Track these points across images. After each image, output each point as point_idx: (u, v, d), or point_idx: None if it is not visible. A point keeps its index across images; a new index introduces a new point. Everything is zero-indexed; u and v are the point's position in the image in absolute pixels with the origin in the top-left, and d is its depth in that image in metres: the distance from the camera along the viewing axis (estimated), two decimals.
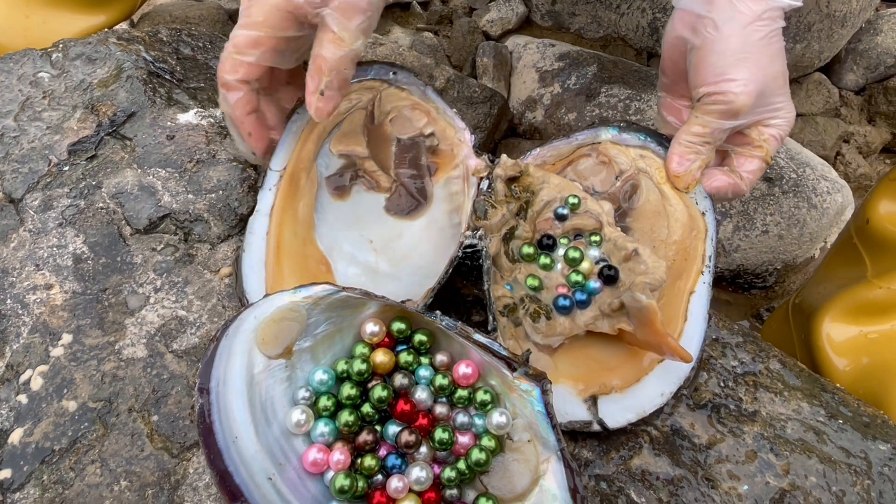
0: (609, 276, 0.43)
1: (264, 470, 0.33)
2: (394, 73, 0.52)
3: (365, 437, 0.35)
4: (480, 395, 0.37)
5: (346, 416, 0.35)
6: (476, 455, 0.35)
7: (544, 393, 0.35)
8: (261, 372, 0.36)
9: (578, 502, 0.34)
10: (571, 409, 0.41)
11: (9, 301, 0.46)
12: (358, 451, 0.36)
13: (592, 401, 0.41)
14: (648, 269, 0.41)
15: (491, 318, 0.42)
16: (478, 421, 0.37)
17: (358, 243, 0.48)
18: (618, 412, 0.41)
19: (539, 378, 0.36)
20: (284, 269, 0.45)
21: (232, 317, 0.37)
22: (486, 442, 0.36)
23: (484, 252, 0.43)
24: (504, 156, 0.47)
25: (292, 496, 0.33)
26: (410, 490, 0.35)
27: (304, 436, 0.36)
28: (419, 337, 0.38)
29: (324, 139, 0.51)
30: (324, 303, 0.37)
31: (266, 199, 0.47)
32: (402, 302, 0.38)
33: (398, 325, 0.38)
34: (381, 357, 0.37)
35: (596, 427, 0.41)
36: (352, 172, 0.50)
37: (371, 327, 0.38)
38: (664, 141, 0.50)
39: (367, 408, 0.36)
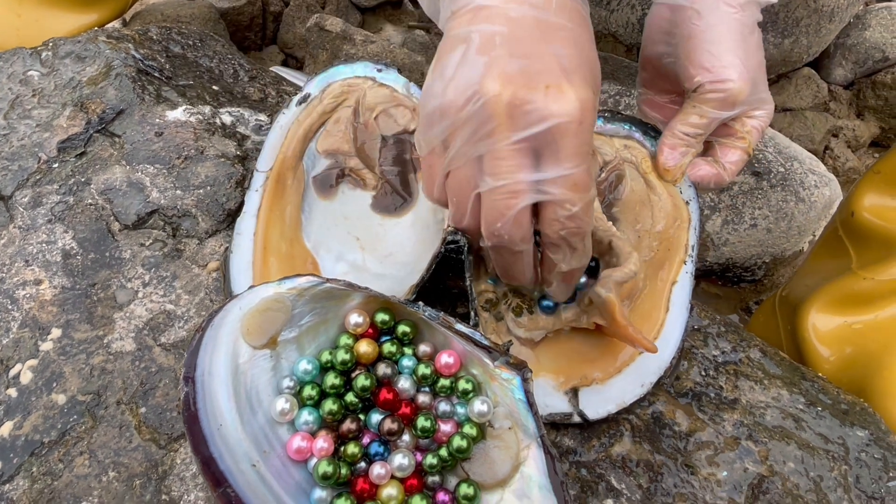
0: (591, 268, 0.44)
1: (248, 457, 0.34)
2: (378, 70, 0.52)
3: (348, 425, 0.36)
4: (462, 384, 0.37)
5: (329, 405, 0.36)
6: (457, 442, 0.36)
7: (525, 381, 0.36)
8: (246, 362, 0.36)
9: (558, 488, 0.34)
10: (552, 401, 0.42)
11: None
12: (341, 439, 0.36)
13: (573, 393, 0.42)
14: (619, 261, 0.42)
15: (472, 313, 0.42)
16: (459, 409, 0.37)
17: (345, 241, 0.49)
18: (598, 403, 0.41)
19: (520, 367, 0.36)
20: (271, 269, 0.46)
21: (217, 308, 0.37)
22: (468, 430, 0.36)
23: (465, 247, 0.44)
24: None
25: (276, 483, 0.34)
26: (393, 477, 0.35)
27: (288, 424, 0.36)
28: (403, 328, 0.39)
29: (309, 138, 0.51)
30: (308, 294, 0.38)
31: (253, 200, 0.48)
32: None
33: (382, 316, 0.39)
34: (365, 347, 0.38)
35: (576, 419, 0.41)
36: (338, 171, 0.51)
37: (355, 318, 0.38)
38: (649, 130, 0.51)
39: (350, 397, 0.37)
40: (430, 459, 0.36)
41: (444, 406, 0.37)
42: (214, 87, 0.64)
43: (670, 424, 0.44)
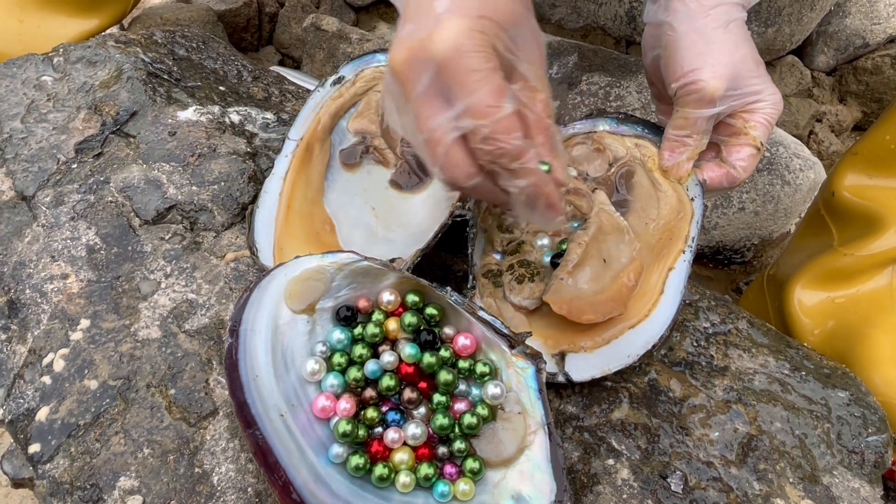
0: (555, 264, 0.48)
1: (278, 407, 0.37)
2: None
3: (370, 392, 0.39)
4: (480, 367, 0.40)
5: (355, 373, 0.39)
6: (468, 419, 0.39)
7: (538, 371, 0.39)
8: (285, 323, 0.40)
9: (560, 474, 0.37)
10: None
11: (28, 291, 0.50)
12: (363, 404, 0.39)
13: (560, 356, 0.45)
14: (568, 256, 0.46)
15: (471, 276, 0.46)
16: (474, 391, 0.40)
17: (361, 209, 0.53)
18: (584, 368, 0.44)
19: (535, 357, 0.39)
20: (292, 226, 0.51)
21: (265, 272, 0.41)
22: (480, 410, 0.39)
23: (471, 221, 0.48)
24: None
25: (300, 434, 0.37)
26: (405, 444, 0.38)
27: (316, 384, 0.39)
28: (430, 310, 0.41)
29: (340, 116, 0.56)
30: (347, 269, 0.41)
31: (282, 163, 0.52)
32: (391, 260, 0.41)
33: (412, 298, 0.41)
34: (394, 325, 0.41)
35: (561, 378, 0.44)
36: (363, 148, 0.55)
37: (387, 296, 0.41)
38: (661, 132, 0.54)
39: (371, 365, 0.40)
40: (440, 428, 0.39)
41: (460, 386, 0.40)
42: (221, 88, 0.67)
43: (665, 391, 0.47)
